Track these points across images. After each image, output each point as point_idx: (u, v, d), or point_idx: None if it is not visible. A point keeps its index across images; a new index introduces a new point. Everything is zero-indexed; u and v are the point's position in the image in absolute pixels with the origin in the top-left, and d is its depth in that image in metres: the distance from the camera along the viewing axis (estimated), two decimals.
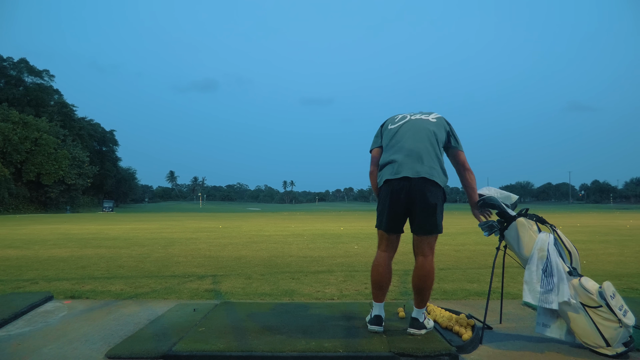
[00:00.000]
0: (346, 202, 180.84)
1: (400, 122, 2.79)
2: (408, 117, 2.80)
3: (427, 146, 2.62)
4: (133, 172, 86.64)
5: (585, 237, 10.67)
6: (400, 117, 2.84)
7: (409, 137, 2.66)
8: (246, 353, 2.31)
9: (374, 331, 2.64)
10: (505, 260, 2.93)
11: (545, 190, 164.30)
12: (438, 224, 2.62)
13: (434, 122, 2.73)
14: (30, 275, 5.13)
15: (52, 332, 2.79)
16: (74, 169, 50.87)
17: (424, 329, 2.62)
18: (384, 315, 2.70)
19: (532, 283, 2.52)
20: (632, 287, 4.29)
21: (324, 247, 8.27)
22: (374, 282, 2.72)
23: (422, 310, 2.65)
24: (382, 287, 2.70)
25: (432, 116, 2.79)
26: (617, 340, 2.32)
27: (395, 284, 4.50)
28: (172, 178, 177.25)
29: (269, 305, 3.41)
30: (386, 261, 2.72)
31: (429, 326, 2.68)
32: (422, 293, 2.62)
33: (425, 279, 2.59)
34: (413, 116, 2.80)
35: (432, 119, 2.76)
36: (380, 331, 2.64)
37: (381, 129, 2.90)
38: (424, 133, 2.66)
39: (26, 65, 57.20)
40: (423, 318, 2.66)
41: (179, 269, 5.54)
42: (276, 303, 3.51)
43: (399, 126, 2.76)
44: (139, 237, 10.96)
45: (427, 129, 2.69)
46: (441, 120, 2.77)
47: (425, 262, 2.61)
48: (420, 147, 2.61)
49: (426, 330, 2.65)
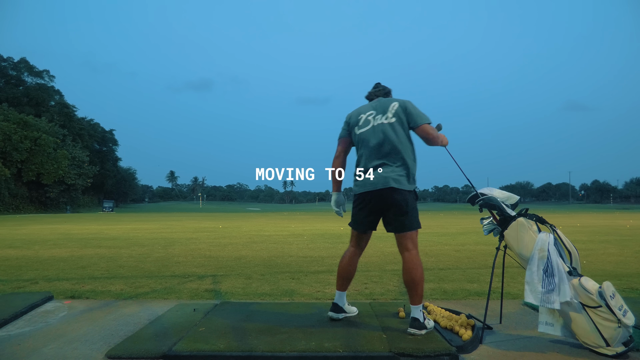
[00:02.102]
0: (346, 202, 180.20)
1: (365, 127, 2.87)
2: (371, 122, 2.85)
3: (390, 152, 2.74)
4: (133, 172, 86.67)
5: (585, 237, 10.67)
6: (364, 121, 2.90)
7: (373, 147, 2.79)
8: (246, 353, 2.31)
9: (332, 317, 2.90)
10: (505, 260, 2.93)
11: (545, 190, 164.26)
12: (413, 222, 2.73)
13: (393, 122, 2.78)
14: (30, 275, 5.13)
15: (52, 332, 2.79)
16: (74, 169, 50.87)
17: (424, 329, 2.63)
18: (342, 303, 2.94)
19: (533, 283, 2.52)
20: (632, 287, 4.29)
21: (324, 247, 8.27)
22: (338, 272, 2.98)
23: (419, 308, 2.67)
24: (345, 278, 2.96)
25: (390, 112, 2.81)
26: (617, 340, 2.32)
27: (395, 284, 4.51)
28: (172, 178, 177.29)
29: (269, 305, 3.41)
30: (351, 256, 2.96)
31: (429, 326, 2.68)
32: (414, 287, 2.67)
33: (413, 272, 2.67)
34: (375, 119, 2.85)
35: (391, 118, 2.80)
36: (337, 318, 2.90)
37: (348, 126, 3.00)
38: (386, 139, 2.76)
39: (26, 65, 57.21)
40: (423, 318, 2.66)
41: (179, 269, 5.54)
42: (276, 303, 3.51)
43: (364, 132, 2.87)
44: (139, 237, 10.96)
45: (388, 133, 2.76)
46: (398, 113, 2.79)
47: (410, 255, 2.70)
48: (384, 155, 2.75)
49: (427, 330, 2.65)
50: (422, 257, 7.14)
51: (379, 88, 3.06)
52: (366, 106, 2.97)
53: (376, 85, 3.08)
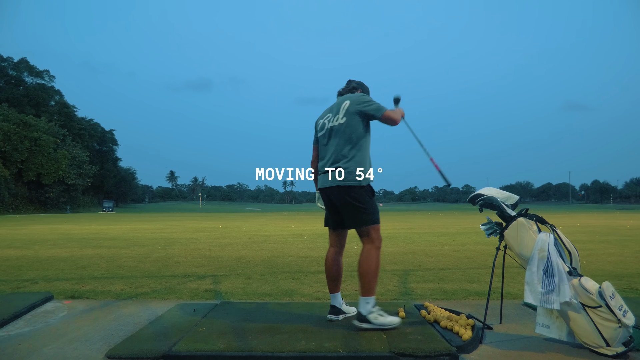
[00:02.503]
0: None
1: (322, 130, 3.00)
2: (327, 125, 2.95)
3: (341, 151, 2.82)
4: (133, 172, 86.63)
5: (585, 237, 10.67)
6: (321, 125, 3.02)
7: (328, 148, 2.91)
8: (246, 353, 2.31)
9: (331, 319, 2.91)
10: (505, 260, 2.93)
11: (545, 190, 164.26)
12: (365, 219, 2.79)
13: (344, 122, 2.84)
14: (30, 275, 5.13)
15: (52, 332, 2.79)
16: (74, 169, 50.85)
17: (366, 323, 2.67)
18: (339, 304, 2.96)
19: (533, 284, 2.52)
20: (632, 287, 4.29)
21: (324, 247, 8.26)
22: (326, 275, 3.02)
23: (365, 300, 2.71)
24: (332, 279, 2.97)
25: (342, 112, 2.86)
26: (617, 340, 2.32)
27: (395, 284, 4.51)
28: (172, 178, 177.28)
29: (269, 305, 3.41)
30: (332, 255, 3.00)
31: (375, 322, 2.68)
32: (361, 278, 2.76)
33: (362, 264, 2.76)
34: (330, 122, 2.94)
35: (341, 118, 2.86)
36: (337, 320, 2.91)
37: (315, 133, 3.13)
38: (337, 140, 2.85)
39: (26, 65, 57.20)
40: (367, 311, 2.70)
41: (179, 269, 5.54)
42: (276, 303, 3.51)
43: (321, 135, 3.01)
44: (139, 237, 10.96)
45: (339, 133, 2.85)
46: (350, 111, 2.84)
47: (364, 249, 2.81)
48: (335, 155, 2.84)
49: (370, 325, 2.67)
50: (422, 257, 7.15)
51: (347, 86, 3.11)
52: (326, 110, 3.06)
53: (348, 83, 3.12)
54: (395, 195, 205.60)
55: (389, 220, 23.62)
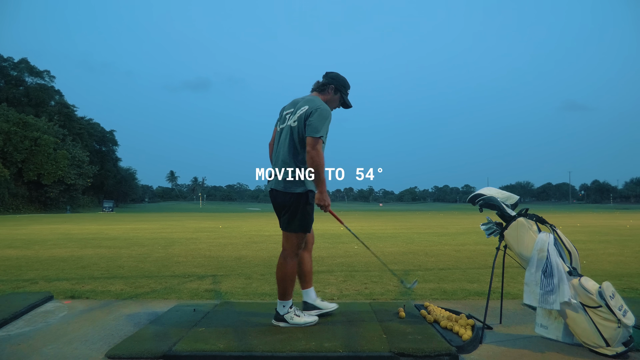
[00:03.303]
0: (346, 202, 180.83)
1: (281, 125, 2.92)
2: (286, 122, 2.87)
3: (287, 154, 2.77)
4: (133, 172, 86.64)
5: (585, 237, 10.67)
6: (282, 118, 2.94)
7: (278, 149, 2.86)
8: (246, 353, 2.31)
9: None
10: (505, 260, 2.93)
11: (545, 190, 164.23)
12: (295, 224, 2.78)
13: (294, 126, 2.77)
14: (30, 275, 5.13)
15: (52, 332, 2.79)
16: (74, 169, 50.82)
17: (282, 322, 2.76)
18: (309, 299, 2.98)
19: (532, 285, 2.53)
20: (632, 287, 4.29)
21: (324, 247, 8.26)
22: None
23: (282, 304, 2.79)
24: (299, 275, 2.98)
25: (297, 115, 2.78)
26: (617, 340, 2.32)
27: (395, 284, 4.51)
28: (172, 178, 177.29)
29: (269, 305, 3.40)
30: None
31: (292, 321, 2.76)
32: (277, 284, 2.81)
33: (278, 270, 2.81)
34: (288, 120, 2.85)
35: (294, 122, 2.79)
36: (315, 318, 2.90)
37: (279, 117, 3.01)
38: (286, 143, 2.80)
39: (27, 65, 57.19)
40: (284, 311, 2.78)
41: (179, 269, 5.54)
42: (276, 303, 3.51)
43: (279, 131, 2.93)
44: (139, 237, 10.96)
45: (290, 136, 2.79)
46: (302, 118, 2.74)
47: (282, 254, 2.84)
48: (282, 159, 2.80)
49: (286, 324, 2.75)
50: (422, 257, 7.14)
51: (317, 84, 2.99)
52: (293, 101, 2.95)
53: (324, 76, 3.01)
54: (395, 195, 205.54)
55: (389, 220, 23.63)
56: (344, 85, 2.99)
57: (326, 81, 2.96)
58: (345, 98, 3.01)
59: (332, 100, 2.98)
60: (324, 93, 2.96)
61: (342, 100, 3.03)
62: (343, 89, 2.98)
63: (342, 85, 2.97)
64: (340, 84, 2.97)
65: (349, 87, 3.03)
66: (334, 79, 2.97)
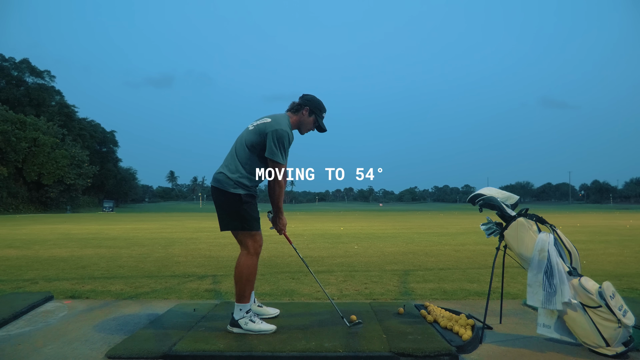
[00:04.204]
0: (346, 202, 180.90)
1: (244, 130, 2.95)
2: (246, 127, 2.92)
3: (233, 156, 2.82)
4: (133, 172, 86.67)
5: (585, 237, 10.67)
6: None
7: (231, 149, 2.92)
8: (246, 353, 2.31)
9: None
10: (505, 260, 2.93)
11: (545, 191, 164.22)
12: (229, 223, 2.83)
13: (251, 130, 2.82)
14: (30, 275, 5.13)
15: (52, 332, 2.79)
16: (74, 169, 50.82)
17: (236, 328, 2.69)
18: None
19: (535, 286, 2.52)
20: (632, 287, 4.30)
21: (324, 247, 8.27)
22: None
23: (238, 307, 2.73)
24: None
25: (257, 125, 2.80)
26: (617, 340, 2.32)
27: (395, 284, 4.51)
28: (172, 178, 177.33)
29: (269, 305, 3.40)
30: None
31: (245, 327, 2.68)
32: (235, 284, 2.79)
33: (236, 270, 2.80)
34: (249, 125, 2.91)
35: (251, 129, 2.82)
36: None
37: None
38: (237, 145, 2.86)
39: (28, 65, 57.22)
40: (239, 316, 2.71)
41: (179, 269, 5.55)
42: (276, 303, 3.51)
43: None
44: (139, 237, 10.96)
45: (242, 139, 2.84)
46: (260, 127, 2.76)
47: (240, 255, 2.85)
48: (228, 158, 2.86)
49: (241, 330, 2.67)
50: (422, 257, 7.14)
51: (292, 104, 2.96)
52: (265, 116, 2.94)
53: (300, 98, 2.97)
54: (395, 195, 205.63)
55: (389, 220, 23.63)
56: (319, 108, 2.94)
57: (301, 102, 2.93)
58: (320, 121, 2.97)
59: (306, 122, 2.94)
60: (298, 114, 2.92)
61: (317, 124, 2.99)
62: (318, 111, 2.94)
63: (317, 107, 2.93)
64: (315, 106, 2.93)
65: (324, 110, 2.97)
66: (309, 101, 2.92)
